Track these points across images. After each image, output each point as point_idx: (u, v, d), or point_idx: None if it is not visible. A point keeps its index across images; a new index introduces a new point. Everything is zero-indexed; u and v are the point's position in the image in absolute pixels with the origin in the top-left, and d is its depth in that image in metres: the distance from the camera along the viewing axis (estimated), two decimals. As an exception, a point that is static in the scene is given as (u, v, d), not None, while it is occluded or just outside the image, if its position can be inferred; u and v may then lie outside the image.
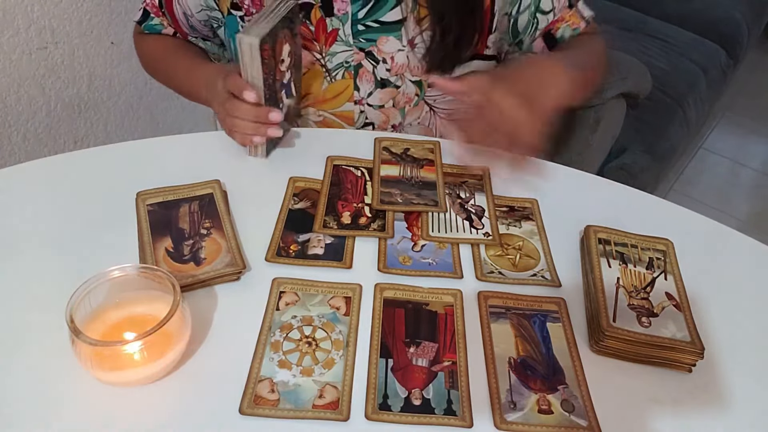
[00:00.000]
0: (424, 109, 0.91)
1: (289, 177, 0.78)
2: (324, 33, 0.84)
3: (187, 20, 0.91)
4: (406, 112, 0.91)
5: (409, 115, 0.91)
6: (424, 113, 0.92)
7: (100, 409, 0.54)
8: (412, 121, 0.92)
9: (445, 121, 0.92)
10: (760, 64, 2.75)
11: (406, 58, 0.85)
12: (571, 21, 0.88)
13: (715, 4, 2.10)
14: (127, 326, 0.56)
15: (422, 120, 0.92)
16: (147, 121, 1.53)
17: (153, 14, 0.93)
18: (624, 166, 1.56)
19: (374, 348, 0.60)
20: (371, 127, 0.91)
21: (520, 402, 0.56)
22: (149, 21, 0.94)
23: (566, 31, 0.88)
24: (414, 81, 0.88)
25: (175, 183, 0.74)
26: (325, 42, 0.85)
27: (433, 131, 0.94)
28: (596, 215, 0.75)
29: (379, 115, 0.90)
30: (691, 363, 0.60)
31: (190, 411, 0.54)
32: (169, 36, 0.95)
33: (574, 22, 0.89)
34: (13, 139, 1.25)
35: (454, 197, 0.77)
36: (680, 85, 1.76)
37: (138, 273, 0.58)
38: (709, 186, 2.20)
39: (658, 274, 0.68)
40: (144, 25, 0.94)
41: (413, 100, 0.89)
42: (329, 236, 0.71)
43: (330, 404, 0.55)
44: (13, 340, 0.58)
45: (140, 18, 0.94)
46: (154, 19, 0.93)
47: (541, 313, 0.64)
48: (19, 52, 1.19)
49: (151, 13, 0.93)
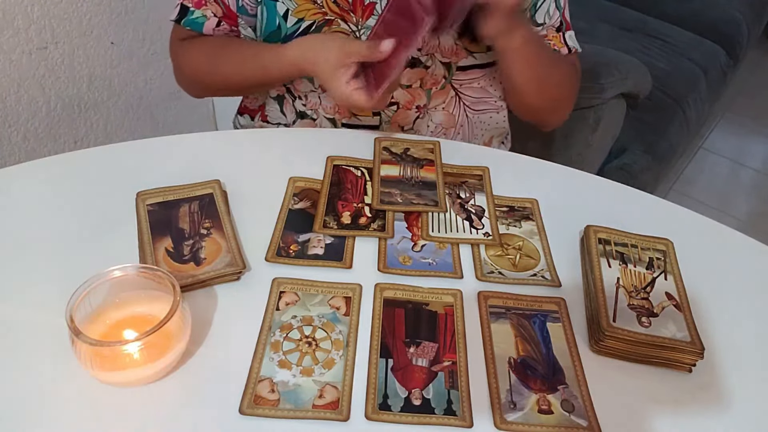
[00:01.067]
0: (450, 93, 0.91)
1: (289, 177, 0.78)
2: (361, 5, 0.83)
3: (238, 1, 0.86)
4: (432, 94, 0.91)
5: (435, 98, 0.91)
6: (449, 98, 0.92)
7: (100, 409, 0.54)
8: (437, 104, 0.92)
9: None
10: (760, 64, 2.76)
11: (437, 38, 0.85)
12: (554, 42, 0.90)
13: (715, 4, 2.10)
14: (127, 326, 0.56)
15: (446, 105, 0.92)
16: (147, 121, 1.53)
17: (193, 6, 0.87)
18: (624, 166, 1.56)
19: (374, 348, 0.60)
20: (396, 107, 0.91)
21: (520, 402, 0.56)
22: (189, 16, 0.88)
23: None
24: (444, 62, 0.88)
25: (175, 183, 0.74)
26: (362, 14, 0.84)
27: (455, 118, 0.94)
28: (596, 215, 0.75)
29: (405, 95, 0.90)
30: (691, 363, 0.60)
31: (190, 411, 0.54)
32: (211, 36, 0.90)
33: (557, 44, 0.90)
34: (13, 139, 1.25)
35: (454, 197, 0.77)
36: (680, 85, 1.76)
37: (138, 273, 0.58)
38: (709, 186, 2.20)
39: (658, 274, 0.68)
40: (184, 21, 0.88)
41: (440, 82, 0.89)
42: (329, 236, 0.71)
43: (330, 404, 0.55)
44: (13, 340, 0.58)
45: (177, 15, 0.89)
46: (195, 12, 0.88)
47: (541, 313, 0.64)
48: (19, 52, 1.19)
49: (191, 6, 0.87)
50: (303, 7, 0.83)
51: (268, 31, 0.86)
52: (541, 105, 0.93)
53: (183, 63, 0.94)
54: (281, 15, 0.84)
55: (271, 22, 0.85)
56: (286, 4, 0.83)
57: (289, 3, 0.83)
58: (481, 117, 0.96)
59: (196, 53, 0.91)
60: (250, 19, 0.89)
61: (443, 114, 0.93)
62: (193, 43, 0.91)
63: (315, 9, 0.83)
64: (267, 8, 0.85)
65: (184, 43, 0.92)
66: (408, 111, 0.91)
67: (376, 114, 0.91)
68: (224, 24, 0.89)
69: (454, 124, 0.94)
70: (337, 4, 0.83)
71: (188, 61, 0.93)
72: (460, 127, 0.95)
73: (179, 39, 0.93)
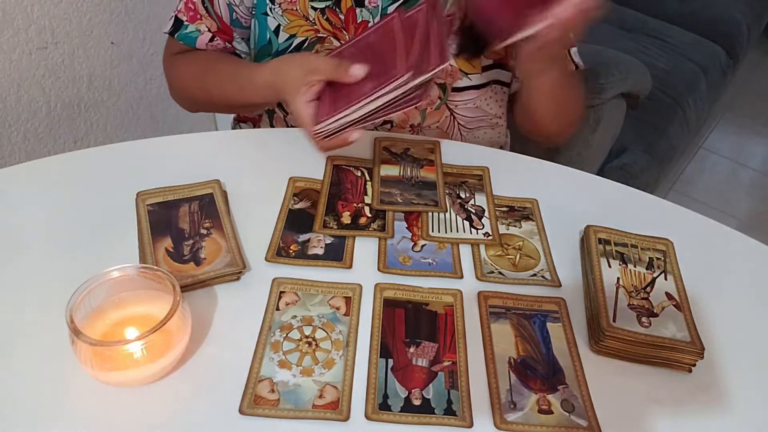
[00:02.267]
0: (444, 113, 0.91)
1: (289, 177, 0.78)
2: (353, 23, 0.83)
3: (231, 14, 0.85)
4: (426, 114, 0.90)
5: (429, 118, 0.90)
6: (443, 117, 0.91)
7: (100, 409, 0.54)
8: (431, 123, 0.91)
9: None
10: (760, 64, 2.76)
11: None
12: None
13: (715, 4, 2.10)
14: (127, 326, 0.56)
15: (441, 124, 0.92)
16: (147, 121, 1.53)
17: (187, 21, 0.86)
18: (624, 166, 1.56)
19: (374, 348, 0.60)
20: (390, 126, 0.90)
21: (520, 402, 0.56)
22: (183, 30, 0.86)
23: None
24: (438, 84, 0.87)
25: (175, 183, 0.74)
26: (354, 32, 0.84)
27: (449, 136, 0.93)
28: (596, 215, 0.75)
29: (399, 114, 0.89)
30: (691, 363, 0.60)
31: (190, 411, 0.54)
32: (203, 51, 0.88)
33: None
34: (13, 139, 1.25)
35: (454, 197, 0.77)
36: (680, 85, 1.76)
37: (138, 273, 0.58)
38: (709, 186, 2.20)
39: (658, 274, 0.68)
40: (177, 35, 0.87)
41: (435, 102, 0.89)
42: (329, 236, 0.71)
43: (330, 404, 0.55)
44: (13, 340, 0.58)
45: (171, 28, 0.87)
46: (189, 26, 0.86)
47: (541, 313, 0.64)
48: (19, 52, 1.19)
49: (185, 20, 0.86)
50: (295, 23, 0.83)
51: (260, 45, 0.86)
52: (559, 129, 0.93)
53: (172, 77, 0.92)
54: (272, 30, 0.84)
55: (262, 37, 0.85)
56: (278, 19, 0.83)
57: (281, 19, 0.83)
58: (476, 133, 0.95)
59: (184, 68, 0.89)
60: (245, 32, 0.88)
61: (437, 132, 0.93)
62: (183, 58, 0.89)
63: (307, 26, 0.83)
64: (259, 23, 0.84)
65: (175, 57, 0.90)
66: (402, 130, 0.91)
67: None
68: (218, 39, 0.87)
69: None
70: (329, 22, 0.83)
71: (177, 75, 0.91)
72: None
73: (172, 53, 0.91)
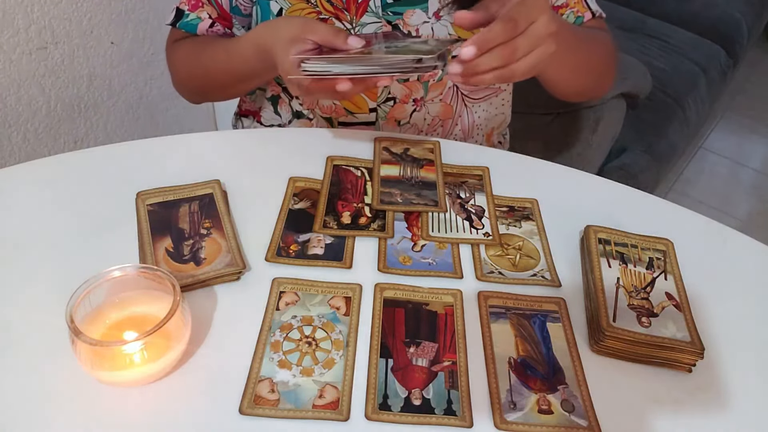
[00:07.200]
0: (447, 85, 0.91)
1: (289, 177, 0.78)
2: (355, 3, 0.83)
3: (231, 1, 0.86)
4: (429, 87, 0.90)
5: (432, 90, 0.91)
6: (446, 89, 0.91)
7: (100, 409, 0.54)
8: (434, 96, 0.91)
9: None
10: (760, 64, 2.76)
11: (431, 30, 0.85)
12: (576, 8, 0.88)
13: (715, 4, 2.10)
14: (127, 326, 0.56)
15: (444, 97, 0.92)
16: (147, 121, 1.53)
17: (188, 10, 0.88)
18: (624, 166, 1.56)
19: (374, 348, 0.60)
20: (392, 102, 0.90)
21: (520, 402, 0.56)
22: (184, 19, 0.88)
23: (570, 17, 0.88)
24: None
25: (175, 183, 0.74)
26: (355, 12, 0.84)
27: (453, 108, 0.93)
28: (596, 215, 0.75)
29: (402, 89, 0.90)
30: (691, 363, 0.60)
31: (190, 411, 0.54)
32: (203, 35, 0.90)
33: (580, 9, 0.89)
34: (13, 139, 1.25)
35: (454, 197, 0.77)
36: (680, 85, 1.76)
37: (138, 273, 0.58)
38: (709, 186, 2.20)
39: (658, 274, 0.68)
40: (179, 24, 0.89)
41: (437, 74, 0.89)
42: (329, 236, 0.71)
43: (330, 404, 0.55)
44: (13, 340, 0.58)
45: (173, 19, 0.89)
46: (189, 15, 0.88)
47: (541, 313, 0.64)
48: (19, 52, 1.19)
49: (186, 9, 0.88)
50: (297, 7, 0.83)
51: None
52: (585, 88, 0.91)
53: (172, 63, 0.94)
54: (275, 14, 0.84)
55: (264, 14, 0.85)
56: (280, 3, 0.84)
57: (283, 2, 0.83)
58: (482, 104, 0.95)
59: (183, 51, 0.91)
60: (244, 19, 0.89)
61: (441, 105, 0.92)
62: (183, 43, 0.91)
63: (309, 8, 0.83)
64: (261, 8, 0.85)
65: (175, 44, 0.92)
66: (405, 105, 0.91)
67: (373, 110, 0.91)
68: (218, 25, 0.89)
69: (452, 114, 0.94)
70: (330, 3, 0.83)
71: (177, 59, 0.92)
72: (458, 117, 0.95)
73: (173, 41, 0.93)
